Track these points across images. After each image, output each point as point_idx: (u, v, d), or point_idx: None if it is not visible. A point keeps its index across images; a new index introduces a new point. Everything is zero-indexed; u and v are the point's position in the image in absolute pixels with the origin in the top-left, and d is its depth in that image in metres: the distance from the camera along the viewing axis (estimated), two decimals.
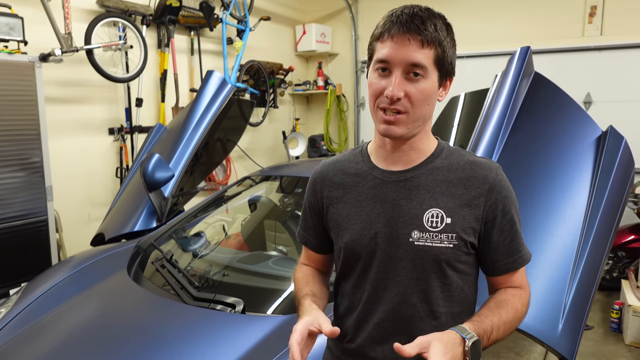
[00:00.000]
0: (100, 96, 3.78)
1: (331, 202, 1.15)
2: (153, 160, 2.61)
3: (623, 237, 3.94)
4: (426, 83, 0.99)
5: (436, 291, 1.06)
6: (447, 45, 1.00)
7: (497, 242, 1.07)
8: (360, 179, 1.12)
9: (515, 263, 1.09)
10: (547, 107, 2.11)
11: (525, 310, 1.09)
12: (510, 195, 1.08)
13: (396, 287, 1.07)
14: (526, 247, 1.12)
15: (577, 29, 4.61)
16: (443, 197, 1.05)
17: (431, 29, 0.97)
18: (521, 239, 1.10)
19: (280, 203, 2.93)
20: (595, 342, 3.30)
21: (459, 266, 1.07)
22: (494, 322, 1.01)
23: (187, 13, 4.23)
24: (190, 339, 1.63)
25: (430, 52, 0.98)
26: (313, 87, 5.82)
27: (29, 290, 2.12)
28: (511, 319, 1.04)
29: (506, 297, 1.08)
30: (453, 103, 3.39)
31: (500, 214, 1.06)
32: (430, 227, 1.04)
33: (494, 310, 1.04)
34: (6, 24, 2.79)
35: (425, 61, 0.98)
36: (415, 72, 0.98)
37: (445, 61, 1.01)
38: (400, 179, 1.08)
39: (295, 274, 1.27)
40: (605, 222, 1.97)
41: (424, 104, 1.01)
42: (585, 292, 1.83)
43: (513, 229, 1.08)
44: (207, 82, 2.99)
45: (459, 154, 1.11)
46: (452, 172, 1.07)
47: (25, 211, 2.87)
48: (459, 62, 1.18)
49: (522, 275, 1.13)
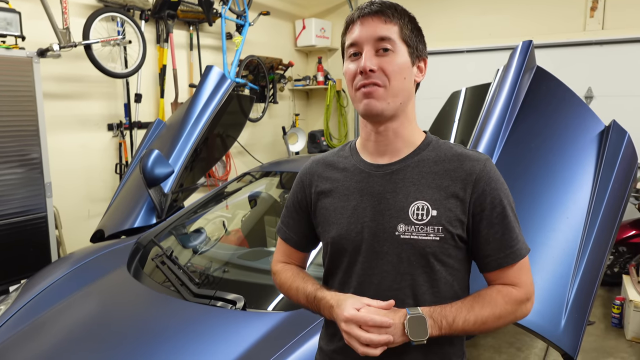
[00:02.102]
0: (99, 92, 3.76)
1: (319, 198, 1.16)
2: (152, 156, 2.60)
3: (625, 232, 3.93)
4: (397, 56, 1.02)
5: (423, 286, 1.04)
6: (410, 27, 1.05)
7: (486, 236, 1.04)
8: (347, 174, 1.12)
9: (507, 258, 1.04)
10: (549, 102, 2.09)
11: (511, 308, 1.04)
12: (500, 187, 1.05)
13: (383, 282, 1.06)
14: (522, 242, 1.07)
15: (579, 23, 4.58)
16: (429, 190, 1.04)
17: (392, 10, 1.04)
18: (515, 233, 1.05)
19: (280, 199, 2.92)
20: (596, 338, 3.30)
21: (447, 260, 1.04)
22: (460, 313, 0.99)
23: (185, 8, 4.20)
24: (191, 336, 1.62)
25: (394, 27, 1.03)
26: (313, 82, 5.80)
27: (29, 287, 2.12)
28: (487, 315, 1.01)
29: (487, 293, 1.05)
30: (454, 98, 3.38)
31: (489, 206, 1.03)
32: (416, 220, 1.03)
33: (467, 302, 1.02)
34: (3, 19, 2.76)
35: (392, 34, 1.02)
36: (385, 47, 1.02)
37: (411, 39, 1.05)
38: (387, 172, 1.07)
39: (279, 274, 1.24)
40: (608, 218, 1.96)
41: (399, 77, 1.02)
42: (587, 287, 1.82)
43: (504, 222, 1.04)
44: (207, 77, 2.97)
45: (447, 146, 1.09)
46: (438, 164, 1.06)
47: (24, 208, 2.86)
48: (461, 56, 1.18)
49: (517, 272, 1.06)
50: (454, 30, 5.06)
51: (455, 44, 5.03)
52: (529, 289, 1.07)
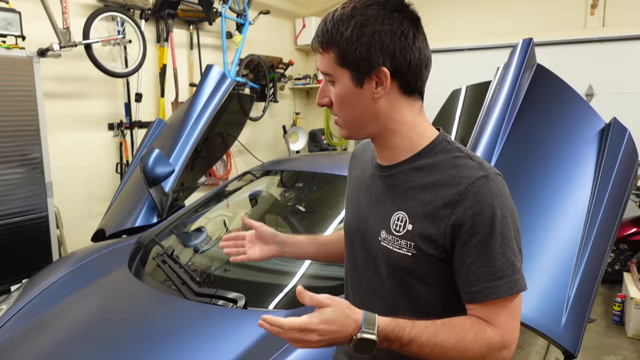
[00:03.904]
0: (100, 91, 3.76)
1: (348, 184, 1.21)
2: (153, 156, 2.60)
3: (625, 230, 3.93)
4: (337, 86, 0.98)
5: (399, 297, 1.00)
6: (346, 46, 0.93)
7: (460, 265, 0.92)
8: (365, 168, 1.14)
9: (480, 294, 0.90)
10: (549, 100, 2.09)
11: (480, 349, 0.89)
12: (488, 212, 0.89)
13: (365, 284, 1.06)
14: (511, 279, 0.90)
15: (579, 20, 4.58)
16: (412, 202, 0.97)
17: (329, 34, 0.95)
18: (498, 267, 0.89)
19: (281, 198, 2.92)
20: (597, 335, 3.30)
21: (425, 278, 0.96)
22: (420, 337, 0.88)
23: (186, 7, 4.20)
24: (192, 335, 1.63)
25: (329, 55, 0.97)
26: (313, 81, 5.79)
27: (30, 286, 2.12)
28: (449, 346, 0.88)
29: (460, 322, 0.91)
30: (454, 96, 3.38)
31: (468, 232, 0.89)
32: (395, 230, 0.98)
33: (433, 327, 0.89)
34: (4, 19, 2.77)
35: (327, 67, 0.98)
36: (329, 80, 1.00)
37: (350, 58, 0.94)
38: (384, 175, 1.05)
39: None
40: (609, 215, 1.96)
41: (344, 107, 0.99)
42: (588, 285, 1.82)
43: (484, 253, 0.89)
44: (207, 76, 2.97)
45: (451, 155, 0.97)
46: (430, 175, 0.96)
47: (25, 207, 2.86)
48: (461, 54, 1.17)
49: (495, 311, 0.90)
50: (455, 29, 5.06)
51: (455, 42, 5.03)
52: (507, 333, 0.91)
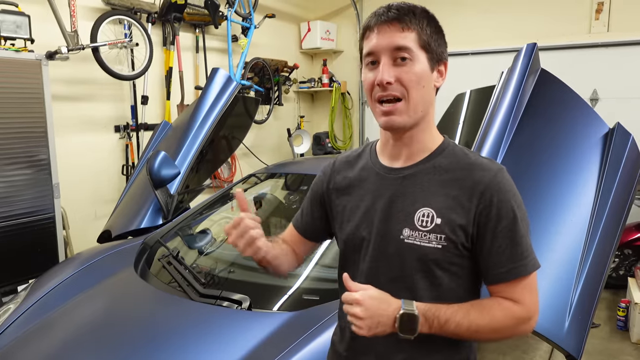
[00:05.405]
0: (106, 94, 3.79)
1: (337, 195, 1.19)
2: (159, 158, 2.62)
3: (630, 235, 3.91)
4: (415, 65, 1.00)
5: (423, 290, 1.05)
6: (429, 30, 1.02)
7: (489, 249, 1.02)
8: (365, 174, 1.14)
9: (509, 274, 1.01)
10: (553, 104, 2.10)
11: (510, 323, 1.02)
12: (509, 200, 1.01)
13: (386, 284, 1.07)
14: (529, 259, 1.02)
15: (584, 25, 4.57)
16: (436, 197, 1.04)
17: (409, 16, 1.00)
18: (522, 249, 1.02)
19: (285, 200, 2.94)
20: (601, 340, 3.29)
21: (450, 268, 1.04)
22: (455, 317, 0.98)
23: (192, 11, 4.23)
24: (197, 336, 1.64)
25: (411, 34, 1.00)
26: (318, 84, 5.81)
27: (37, 286, 2.14)
28: (483, 325, 1.00)
29: (488, 303, 1.03)
30: (459, 100, 3.38)
31: (495, 218, 1.00)
32: (421, 226, 1.03)
33: (465, 307, 1.00)
34: (13, 22, 2.80)
35: (409, 43, 0.99)
36: (402, 56, 1.00)
37: (430, 44, 1.02)
38: (398, 176, 1.09)
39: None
40: (612, 220, 1.96)
41: (418, 87, 1.01)
42: (591, 290, 1.82)
43: (510, 236, 1.01)
44: (213, 79, 2.99)
45: (462, 153, 1.08)
46: (449, 172, 1.05)
47: (32, 208, 2.89)
48: (465, 58, 1.19)
49: (520, 289, 1.03)
50: (459, 33, 5.06)
51: (459, 46, 5.03)
52: (530, 307, 1.04)
